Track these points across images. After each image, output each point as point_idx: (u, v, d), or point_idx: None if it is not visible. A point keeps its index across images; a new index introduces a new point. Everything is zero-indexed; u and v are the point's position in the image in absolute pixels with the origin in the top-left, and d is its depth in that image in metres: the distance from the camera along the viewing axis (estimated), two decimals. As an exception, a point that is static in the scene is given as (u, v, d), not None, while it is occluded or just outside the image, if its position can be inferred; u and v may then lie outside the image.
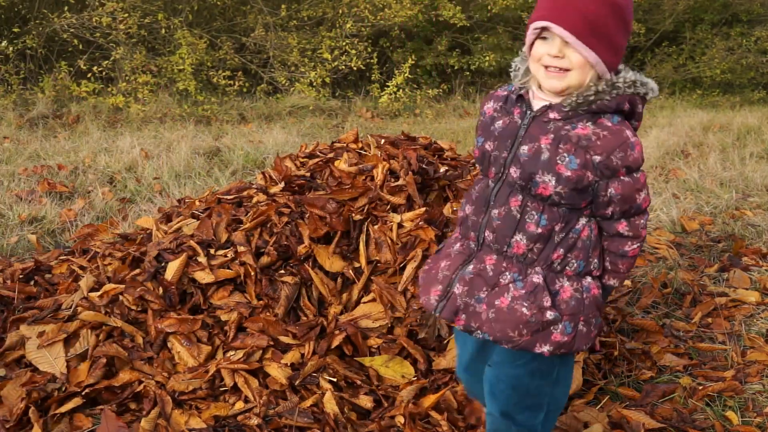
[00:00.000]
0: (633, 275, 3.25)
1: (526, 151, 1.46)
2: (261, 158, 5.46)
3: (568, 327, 1.48)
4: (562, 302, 1.48)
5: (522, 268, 1.49)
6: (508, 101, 1.55)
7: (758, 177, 5.14)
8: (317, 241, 2.44)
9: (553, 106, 1.46)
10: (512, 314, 1.48)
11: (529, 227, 1.47)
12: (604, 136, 1.41)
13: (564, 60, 1.42)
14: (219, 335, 2.26)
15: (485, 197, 1.53)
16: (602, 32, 1.40)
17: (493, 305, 1.50)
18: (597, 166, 1.41)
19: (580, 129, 1.43)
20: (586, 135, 1.42)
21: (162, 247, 2.48)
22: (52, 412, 2.00)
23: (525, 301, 1.47)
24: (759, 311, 2.90)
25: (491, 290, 1.51)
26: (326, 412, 2.01)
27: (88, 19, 7.62)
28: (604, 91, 1.42)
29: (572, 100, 1.43)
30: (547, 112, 1.46)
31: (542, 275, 1.48)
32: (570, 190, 1.43)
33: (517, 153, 1.47)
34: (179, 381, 2.10)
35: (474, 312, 1.52)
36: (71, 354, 2.18)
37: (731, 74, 10.78)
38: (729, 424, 2.14)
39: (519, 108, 1.51)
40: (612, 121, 1.44)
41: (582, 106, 1.43)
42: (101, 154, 5.39)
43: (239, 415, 2.02)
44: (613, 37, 1.41)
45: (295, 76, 8.64)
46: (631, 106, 1.46)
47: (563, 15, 1.39)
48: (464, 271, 1.55)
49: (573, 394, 2.22)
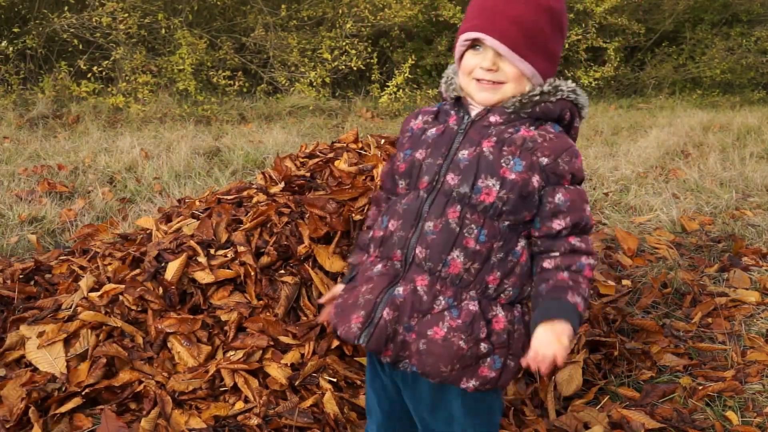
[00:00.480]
0: (633, 275, 3.25)
1: (465, 155, 1.34)
2: (261, 158, 5.46)
3: (498, 361, 1.34)
4: (494, 333, 1.34)
5: (456, 292, 1.33)
6: (441, 113, 1.44)
7: (758, 177, 5.14)
8: (317, 241, 2.44)
9: (493, 110, 1.37)
10: (448, 348, 1.32)
11: (468, 243, 1.31)
12: (551, 138, 1.33)
13: (498, 73, 1.33)
14: (219, 335, 2.26)
15: (415, 210, 1.36)
16: (538, 41, 1.31)
17: (425, 335, 1.33)
18: (544, 169, 1.32)
19: (524, 131, 1.34)
20: (531, 137, 1.33)
21: (162, 247, 2.48)
22: (52, 412, 2.00)
23: (463, 333, 1.32)
24: (759, 311, 2.90)
25: (422, 317, 1.34)
26: (326, 412, 2.01)
27: (88, 19, 7.63)
28: (549, 92, 1.35)
29: (516, 100, 1.35)
30: (488, 116, 1.37)
31: (477, 301, 1.33)
32: (515, 197, 1.31)
33: (454, 159, 1.35)
34: (179, 381, 2.10)
35: (403, 341, 1.35)
36: (71, 354, 2.18)
37: (731, 74, 10.79)
38: (729, 424, 2.14)
39: (455, 114, 1.41)
40: (554, 129, 1.36)
41: (525, 108, 1.35)
42: (101, 154, 5.39)
43: (239, 415, 2.02)
44: (550, 45, 1.34)
45: (295, 76, 8.64)
46: (571, 117, 1.38)
47: (496, 25, 1.30)
48: (392, 293, 1.35)
49: (573, 394, 2.23)
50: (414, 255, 1.35)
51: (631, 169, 5.48)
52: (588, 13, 10.33)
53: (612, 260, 3.43)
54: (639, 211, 4.42)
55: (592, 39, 10.34)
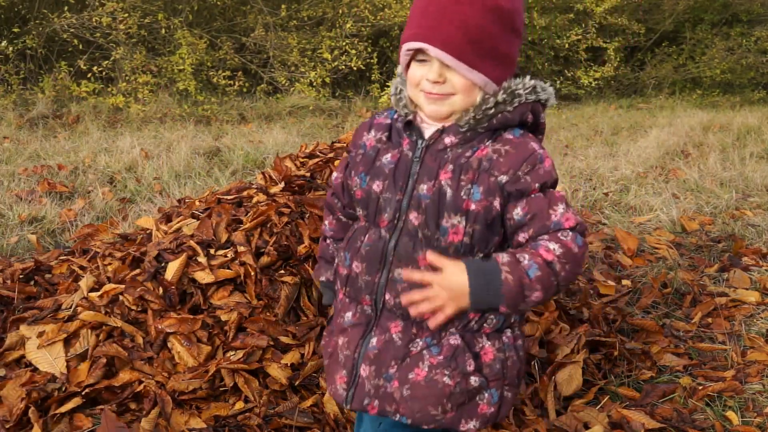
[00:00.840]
0: (633, 275, 3.25)
1: (425, 191, 1.21)
2: (261, 158, 5.46)
3: (495, 395, 1.26)
4: (485, 366, 1.24)
5: (435, 331, 1.24)
6: (394, 131, 1.29)
7: (758, 177, 5.14)
8: (317, 241, 2.44)
9: (447, 129, 1.23)
10: (432, 387, 1.23)
11: None
12: (507, 151, 1.20)
13: (445, 85, 1.19)
14: (219, 335, 2.26)
15: (379, 252, 1.25)
16: (488, 47, 1.17)
17: (407, 380, 1.24)
18: (503, 188, 1.19)
19: (480, 151, 1.21)
20: (487, 155, 1.20)
21: (162, 247, 2.48)
22: (52, 412, 2.00)
23: (446, 369, 1.22)
24: (759, 311, 2.90)
25: (401, 363, 1.24)
26: (326, 412, 2.01)
27: (88, 19, 7.63)
28: (505, 101, 1.21)
29: (470, 117, 1.21)
30: (442, 138, 1.23)
31: (459, 335, 1.24)
32: (481, 227, 1.20)
33: (414, 194, 1.21)
34: (179, 381, 2.10)
35: (386, 393, 1.26)
36: (71, 354, 2.18)
37: (731, 74, 10.80)
38: (729, 424, 2.14)
39: (408, 138, 1.26)
40: (514, 135, 1.22)
41: (482, 123, 1.21)
42: (101, 154, 5.39)
43: (239, 415, 2.02)
44: (502, 48, 1.19)
45: (295, 76, 8.65)
46: (534, 117, 1.25)
47: (439, 33, 1.16)
48: (366, 346, 1.27)
49: (573, 394, 2.23)
50: (384, 301, 1.26)
51: (631, 169, 5.48)
52: (588, 13, 10.34)
53: (612, 260, 3.43)
54: (639, 211, 4.42)
55: (592, 39, 10.35)
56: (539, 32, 10.35)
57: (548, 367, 2.26)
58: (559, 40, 10.48)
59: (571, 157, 6.10)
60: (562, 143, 6.93)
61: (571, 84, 10.66)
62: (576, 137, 7.30)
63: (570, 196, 4.64)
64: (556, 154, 6.26)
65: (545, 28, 10.32)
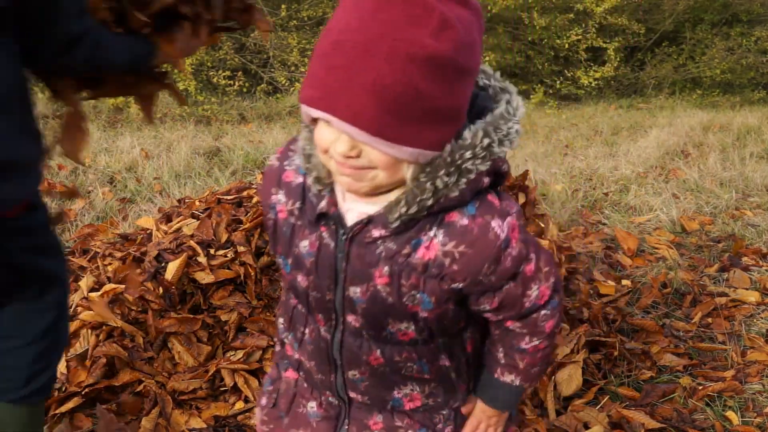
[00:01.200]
0: (633, 275, 3.25)
1: (359, 294, 0.97)
2: (261, 158, 5.46)
3: None
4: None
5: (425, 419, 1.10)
6: (307, 202, 0.98)
7: (758, 177, 5.14)
8: (317, 241, 2.44)
9: (375, 220, 0.93)
10: None
11: (414, 376, 1.05)
12: (462, 253, 0.92)
13: (361, 159, 0.86)
14: (219, 335, 2.26)
15: (324, 353, 1.05)
16: (419, 110, 0.81)
17: None
18: (461, 291, 0.97)
19: (423, 249, 0.93)
20: (435, 260, 0.93)
21: (162, 247, 2.48)
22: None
23: None
24: (759, 311, 2.90)
25: None
26: (326, 412, 2.01)
27: (88, 19, 7.63)
28: (447, 185, 0.88)
29: (401, 212, 0.90)
30: (369, 230, 0.94)
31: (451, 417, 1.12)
32: (437, 325, 1.01)
33: (346, 296, 0.98)
34: (179, 381, 2.10)
35: None
36: (71, 354, 2.18)
37: (731, 74, 10.80)
38: (729, 424, 2.14)
39: (325, 225, 0.97)
40: (467, 215, 0.92)
41: (418, 215, 0.91)
42: (101, 154, 5.39)
43: (239, 415, 2.02)
44: (443, 103, 0.83)
45: (295, 76, 8.65)
46: (495, 175, 0.93)
47: (346, 99, 0.81)
48: None
49: (573, 394, 2.23)
50: (350, 397, 1.09)
51: (631, 169, 5.48)
52: (588, 13, 10.34)
53: (612, 260, 3.43)
54: (639, 211, 4.42)
55: (592, 39, 10.36)
56: (539, 32, 10.35)
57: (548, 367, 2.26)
58: (559, 40, 10.48)
59: (571, 157, 6.10)
60: (562, 143, 6.93)
61: (571, 84, 10.66)
62: (576, 137, 7.30)
63: (570, 196, 4.64)
64: (556, 154, 6.26)
65: (545, 28, 10.33)
